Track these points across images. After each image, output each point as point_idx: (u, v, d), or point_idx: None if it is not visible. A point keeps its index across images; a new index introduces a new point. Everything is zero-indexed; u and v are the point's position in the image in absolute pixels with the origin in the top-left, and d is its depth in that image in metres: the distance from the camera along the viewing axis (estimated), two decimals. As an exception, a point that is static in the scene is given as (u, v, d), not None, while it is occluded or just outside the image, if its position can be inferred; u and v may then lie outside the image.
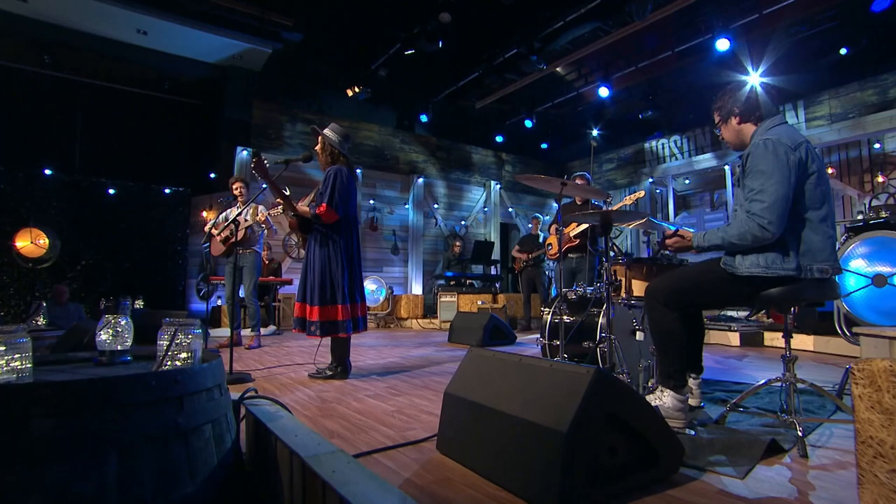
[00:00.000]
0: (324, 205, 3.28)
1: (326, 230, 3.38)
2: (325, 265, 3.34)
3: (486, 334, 5.37)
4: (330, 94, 9.41)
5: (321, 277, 3.33)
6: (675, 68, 8.58)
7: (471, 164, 11.21)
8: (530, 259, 7.38)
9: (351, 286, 3.42)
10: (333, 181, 3.33)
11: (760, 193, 1.98)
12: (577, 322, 2.94)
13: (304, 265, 3.47)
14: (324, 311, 3.33)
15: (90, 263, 8.00)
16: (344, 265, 3.37)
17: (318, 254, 3.36)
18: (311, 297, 3.34)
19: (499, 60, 8.54)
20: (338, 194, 3.30)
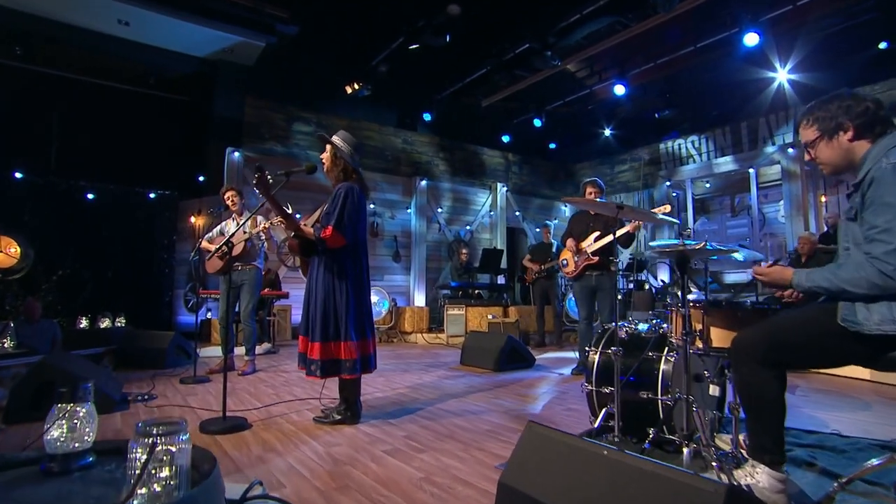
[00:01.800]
0: (330, 228, 2.88)
1: (332, 255, 2.98)
2: (328, 296, 2.95)
3: (502, 357, 5.01)
4: (328, 91, 8.98)
5: (324, 309, 2.93)
6: (694, 64, 8.23)
7: (476, 165, 10.84)
8: (542, 270, 7.03)
9: (359, 320, 3.03)
10: (343, 201, 2.93)
11: (887, 233, 1.60)
12: (633, 366, 2.56)
13: (306, 294, 3.07)
14: (326, 349, 2.93)
15: (67, 274, 7.53)
16: (350, 296, 2.97)
17: (322, 282, 2.97)
18: (313, 331, 2.94)
19: (509, 56, 8.15)
20: (347, 216, 2.91)
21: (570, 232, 4.84)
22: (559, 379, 4.58)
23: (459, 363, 5.43)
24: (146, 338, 5.14)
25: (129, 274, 8.02)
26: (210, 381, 4.39)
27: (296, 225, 2.97)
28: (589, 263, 4.61)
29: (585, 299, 4.70)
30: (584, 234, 4.69)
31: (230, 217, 4.98)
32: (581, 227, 4.75)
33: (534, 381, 4.48)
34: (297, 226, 2.97)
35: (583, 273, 4.67)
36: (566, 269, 4.82)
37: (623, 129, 10.60)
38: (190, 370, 4.74)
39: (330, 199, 3.03)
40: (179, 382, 4.28)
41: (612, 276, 4.65)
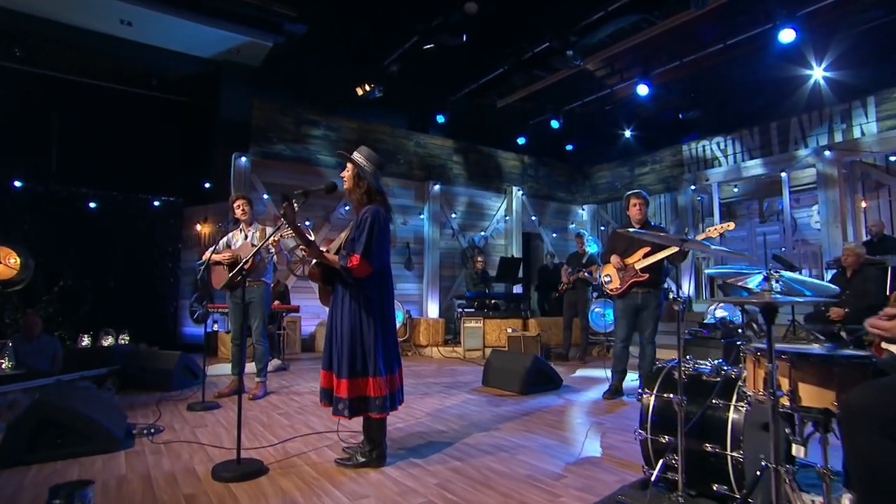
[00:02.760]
0: (357, 256, 2.67)
1: (357, 284, 2.76)
2: (354, 328, 2.74)
3: (529, 378, 4.78)
4: (337, 92, 8.79)
5: (350, 343, 2.72)
6: (721, 62, 7.96)
7: (491, 168, 10.59)
8: (570, 281, 6.79)
9: (387, 353, 2.83)
10: (370, 227, 2.72)
11: None
12: (697, 414, 2.32)
13: (330, 326, 2.86)
14: (354, 386, 2.73)
15: (68, 285, 7.38)
16: (377, 328, 2.77)
17: (348, 314, 2.76)
18: (339, 367, 2.74)
19: (527, 55, 7.93)
20: (375, 243, 2.72)
21: (612, 248, 4.60)
22: (591, 405, 4.34)
23: (482, 384, 5.20)
24: (152, 358, 4.95)
25: (132, 284, 7.86)
26: (219, 406, 4.19)
27: (318, 253, 2.75)
28: (637, 281, 4.37)
29: (627, 318, 4.47)
30: (629, 249, 4.45)
31: (237, 228, 4.77)
32: (625, 242, 4.51)
33: (564, 407, 4.24)
34: (319, 254, 2.75)
35: (628, 290, 4.43)
36: (609, 286, 4.58)
37: (644, 129, 10.33)
38: (197, 392, 4.56)
39: (354, 223, 2.82)
40: (187, 409, 4.08)
41: (658, 294, 4.43)
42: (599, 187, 11.71)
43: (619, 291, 4.46)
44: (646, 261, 4.33)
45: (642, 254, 4.38)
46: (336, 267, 2.74)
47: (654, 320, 4.39)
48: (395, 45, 7.84)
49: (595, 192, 11.79)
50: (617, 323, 4.58)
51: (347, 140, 8.76)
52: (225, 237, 4.65)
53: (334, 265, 2.74)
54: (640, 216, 4.47)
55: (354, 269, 2.66)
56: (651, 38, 7.66)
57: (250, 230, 4.69)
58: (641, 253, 4.38)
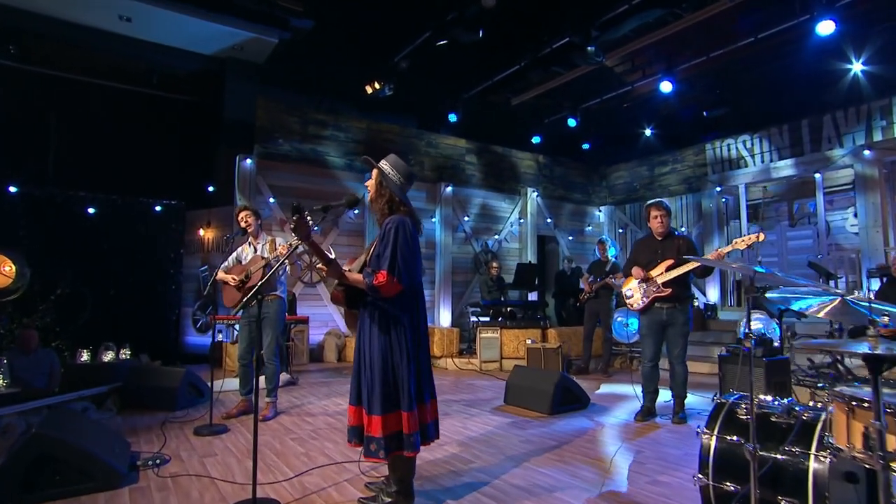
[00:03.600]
0: (383, 273, 2.45)
1: (385, 306, 2.55)
2: (386, 356, 2.53)
3: (555, 398, 4.59)
4: (346, 91, 8.60)
5: (382, 374, 2.50)
6: (749, 57, 7.71)
7: (505, 168, 10.40)
8: (593, 290, 6.58)
9: (419, 382, 2.61)
10: (395, 239, 2.49)
11: None
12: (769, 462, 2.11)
13: (357, 355, 2.64)
14: (388, 422, 2.51)
15: (66, 293, 7.23)
16: (409, 354, 2.54)
17: (377, 342, 2.54)
18: (370, 401, 2.51)
19: (546, 51, 7.70)
20: (401, 257, 2.48)
21: (634, 259, 4.40)
22: (624, 428, 4.13)
23: (504, 402, 5.01)
24: (155, 375, 4.78)
25: (132, 292, 7.70)
26: (228, 430, 4.01)
27: (340, 272, 2.53)
28: (660, 295, 4.17)
29: (653, 336, 4.28)
30: (652, 262, 4.25)
31: (245, 241, 4.59)
32: (648, 254, 4.31)
33: (596, 432, 4.04)
34: (341, 273, 2.53)
35: (651, 305, 4.23)
36: (631, 301, 4.38)
37: (664, 128, 10.10)
38: (203, 412, 4.40)
39: (378, 237, 2.61)
40: (194, 434, 3.90)
41: (685, 309, 4.22)
42: (617, 188, 11.48)
43: (643, 307, 4.26)
44: (668, 274, 4.13)
45: (665, 266, 4.17)
46: (361, 287, 2.53)
47: (682, 337, 4.20)
48: (405, 41, 7.63)
49: (612, 193, 11.57)
50: (643, 341, 4.38)
51: (356, 140, 8.58)
52: (234, 253, 4.48)
53: (359, 285, 2.53)
54: (663, 228, 4.28)
55: (382, 287, 2.43)
56: (676, 33, 7.42)
57: (259, 242, 4.51)
58: (664, 265, 4.18)
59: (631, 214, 11.20)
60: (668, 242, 4.28)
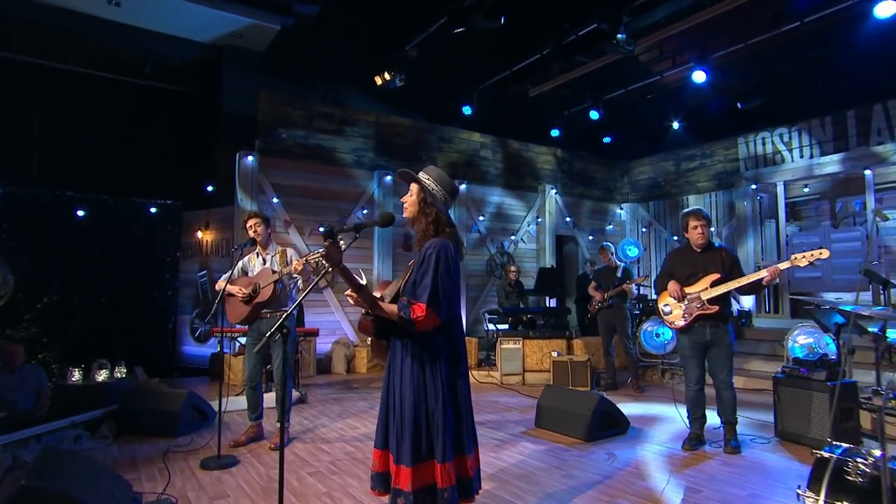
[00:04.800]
0: (422, 305, 2.22)
1: (421, 340, 2.32)
2: (419, 399, 2.29)
3: (594, 423, 4.36)
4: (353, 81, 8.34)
5: (414, 419, 2.27)
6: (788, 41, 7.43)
7: (521, 164, 10.15)
8: (607, 298, 6.35)
9: (458, 428, 2.36)
10: (436, 267, 2.27)
11: None
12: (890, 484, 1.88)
13: (386, 392, 2.42)
14: (419, 474, 2.27)
15: (54, 301, 7.03)
16: (446, 397, 2.31)
17: (409, 380, 2.31)
18: (400, 449, 2.28)
19: (570, 38, 7.41)
20: (443, 288, 2.26)
21: (669, 272, 4.16)
22: (673, 459, 3.91)
23: (535, 426, 4.78)
24: (155, 397, 4.55)
25: (125, 299, 7.51)
26: (238, 461, 3.79)
27: (372, 301, 2.29)
28: (704, 313, 3.93)
29: (696, 357, 4.06)
30: (692, 276, 4.01)
31: (253, 250, 4.34)
32: (687, 267, 4.06)
33: (643, 464, 3.80)
34: (374, 302, 2.30)
35: (693, 324, 3.99)
36: (669, 319, 4.14)
37: (692, 120, 9.83)
38: (207, 437, 4.23)
39: (416, 262, 2.37)
40: (200, 467, 3.67)
41: (728, 328, 3.99)
42: (640, 184, 11.24)
43: (684, 325, 4.03)
44: (715, 290, 3.89)
45: (709, 281, 3.93)
46: (394, 319, 2.30)
47: (728, 359, 3.99)
48: (418, 28, 7.35)
49: (635, 190, 11.33)
50: (685, 363, 4.16)
51: (364, 135, 8.33)
52: (240, 262, 4.22)
53: (392, 317, 2.29)
54: (703, 240, 4.04)
55: (419, 321, 2.21)
56: (713, 18, 7.14)
57: (268, 253, 4.27)
58: (708, 280, 3.94)
59: (654, 212, 10.95)
60: (710, 255, 4.04)
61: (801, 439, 3.99)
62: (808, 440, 3.95)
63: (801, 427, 4.01)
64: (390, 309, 2.28)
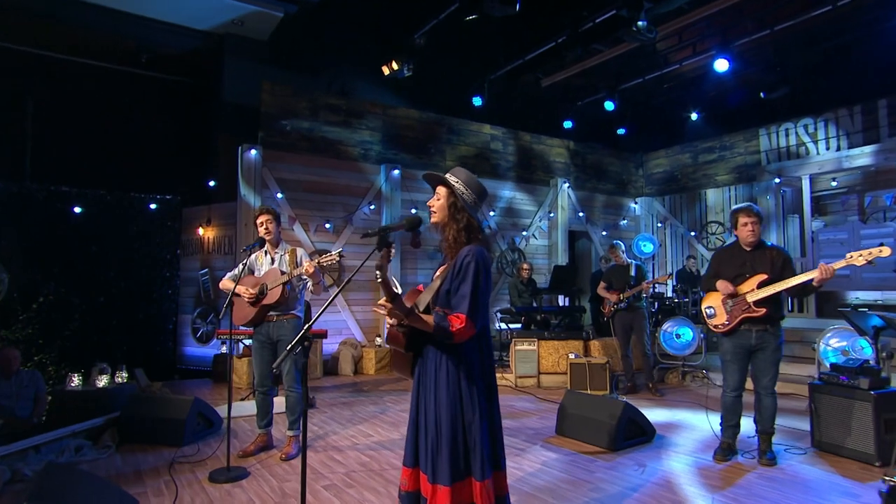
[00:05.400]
0: (462, 316, 2.15)
1: (456, 351, 2.24)
2: (456, 413, 2.21)
3: (619, 431, 4.25)
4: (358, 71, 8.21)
5: (451, 435, 2.18)
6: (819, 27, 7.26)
7: (533, 156, 10.01)
8: (623, 300, 6.23)
9: (493, 443, 2.28)
10: (475, 277, 2.19)
11: None
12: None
13: (416, 407, 2.32)
14: (458, 494, 2.19)
15: (50, 301, 6.95)
16: (482, 409, 2.24)
17: (445, 393, 2.22)
18: (435, 468, 2.19)
19: (587, 26, 7.25)
20: (481, 298, 2.20)
21: (717, 272, 4.03)
22: (706, 471, 3.80)
23: (556, 433, 4.68)
24: (158, 405, 4.45)
25: (124, 298, 7.45)
26: (248, 474, 3.69)
27: (408, 311, 2.18)
28: (749, 316, 3.80)
29: (738, 362, 3.92)
30: (739, 276, 3.89)
31: (261, 249, 4.21)
32: (735, 267, 3.93)
33: (674, 477, 3.70)
34: (409, 312, 2.19)
35: (738, 327, 3.87)
36: (713, 322, 4.02)
37: (712, 111, 9.68)
38: (214, 445, 4.17)
39: (452, 271, 2.27)
40: (209, 480, 3.57)
41: (777, 332, 3.87)
42: (655, 177, 11.10)
43: (727, 328, 3.90)
44: (762, 292, 3.75)
45: (757, 282, 3.80)
46: (428, 330, 2.19)
47: (773, 365, 3.85)
48: (428, 14, 7.20)
49: (650, 183, 11.20)
50: (726, 367, 4.02)
51: (371, 127, 8.19)
52: (247, 260, 4.09)
53: (428, 329, 2.19)
54: (754, 238, 3.88)
55: (458, 332, 2.14)
56: (736, 4, 6.98)
57: (277, 252, 4.15)
58: (756, 281, 3.80)
59: (670, 206, 10.81)
60: (759, 254, 3.89)
61: (841, 451, 3.88)
62: (847, 451, 3.84)
63: (840, 438, 3.90)
64: (428, 321, 2.18)
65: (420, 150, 8.61)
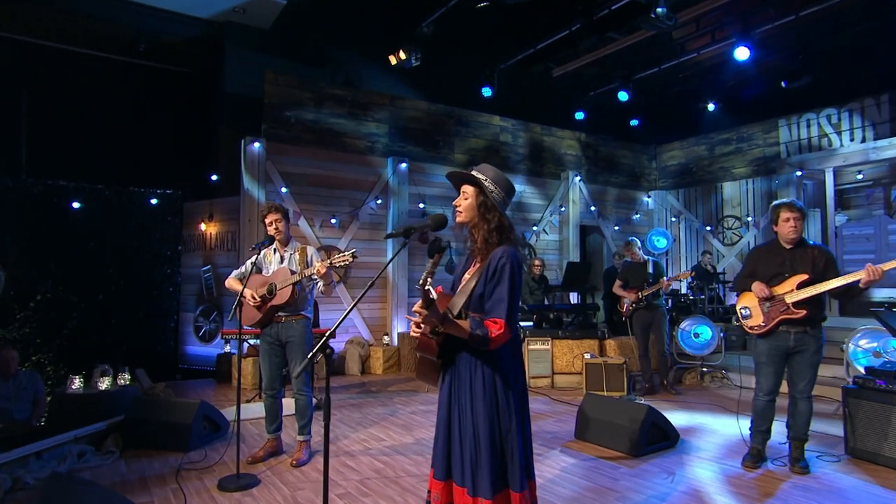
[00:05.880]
0: (501, 322, 2.10)
1: (491, 357, 2.18)
2: (493, 421, 2.16)
3: (642, 436, 4.16)
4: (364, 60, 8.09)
5: (490, 443, 2.12)
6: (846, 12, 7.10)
7: (543, 149, 9.90)
8: (642, 298, 6.13)
9: (526, 451, 2.24)
10: (511, 280, 2.14)
11: None
12: None
13: (447, 417, 2.25)
14: None
15: (48, 299, 6.90)
16: (518, 416, 2.20)
17: (482, 401, 2.16)
18: (476, 480, 2.16)
19: (602, 13, 7.11)
20: (516, 302, 2.16)
21: (753, 271, 3.92)
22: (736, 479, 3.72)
23: (575, 437, 4.60)
24: (163, 408, 4.38)
25: (124, 296, 7.40)
26: (259, 482, 3.62)
27: (443, 317, 2.09)
28: (788, 318, 3.69)
29: (774, 365, 3.81)
30: (778, 276, 3.76)
31: (270, 246, 4.12)
32: (773, 266, 3.81)
33: (704, 485, 3.62)
34: (445, 318, 2.10)
35: (775, 329, 3.76)
36: (749, 323, 3.91)
37: (729, 101, 9.54)
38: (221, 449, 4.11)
39: (485, 273, 2.20)
40: (218, 489, 3.50)
41: (818, 334, 3.75)
42: (669, 170, 10.98)
43: (764, 330, 3.80)
44: (802, 293, 3.64)
45: (796, 282, 3.68)
46: (464, 337, 2.11)
47: (811, 368, 3.73)
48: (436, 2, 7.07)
49: (664, 176, 11.09)
50: (760, 370, 3.91)
51: (377, 119, 8.08)
52: (255, 258, 4.00)
53: (463, 335, 2.11)
54: (797, 235, 3.74)
55: (496, 338, 2.08)
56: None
57: (286, 251, 4.06)
58: (795, 281, 3.68)
59: (685, 200, 10.69)
60: (800, 253, 3.76)
61: (877, 458, 3.79)
62: (884, 459, 3.75)
63: (876, 445, 3.81)
64: (463, 326, 2.10)
65: (428, 143, 8.50)
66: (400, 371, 7.68)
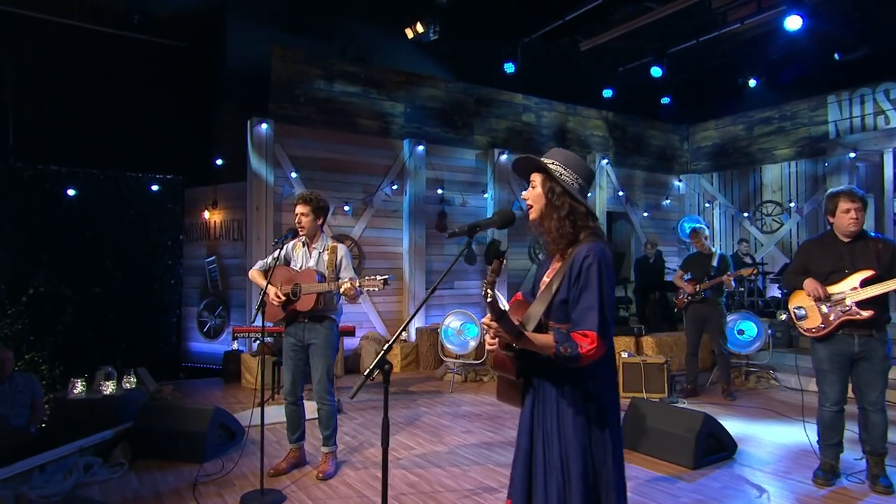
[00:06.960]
0: (593, 334, 1.87)
1: (582, 375, 1.97)
2: (586, 454, 1.96)
3: (699, 447, 4.01)
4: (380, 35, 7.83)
5: (582, 476, 1.93)
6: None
7: (568, 129, 9.67)
8: (699, 291, 5.95)
9: (620, 482, 2.03)
10: (600, 283, 1.92)
11: None
12: None
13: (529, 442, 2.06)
14: None
15: (41, 293, 6.82)
16: (614, 443, 2.01)
17: (573, 427, 1.97)
18: None
19: (640, -22, 6.85)
20: (609, 309, 1.92)
21: (804, 267, 3.72)
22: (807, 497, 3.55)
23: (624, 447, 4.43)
24: (175, 415, 4.24)
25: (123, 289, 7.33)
26: (285, 498, 3.48)
27: (517, 331, 1.89)
28: (851, 319, 3.49)
29: (839, 372, 3.62)
30: (836, 272, 3.56)
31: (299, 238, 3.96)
32: (830, 261, 3.60)
33: None
34: (519, 333, 1.90)
35: (836, 332, 3.56)
36: (804, 324, 3.72)
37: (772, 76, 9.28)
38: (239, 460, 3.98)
39: (567, 274, 1.97)
40: (240, 506, 3.35)
41: (884, 338, 3.57)
42: (702, 151, 10.76)
43: (823, 332, 3.60)
44: (866, 292, 3.43)
45: (860, 279, 3.47)
46: (547, 353, 1.90)
47: (881, 376, 3.53)
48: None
49: (697, 158, 10.88)
50: (823, 378, 3.71)
51: (392, 98, 7.87)
52: (283, 249, 3.85)
53: (546, 352, 1.90)
54: (857, 227, 3.51)
55: (588, 354, 1.85)
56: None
57: (315, 247, 3.91)
58: (858, 278, 3.48)
59: (719, 184, 10.46)
60: (861, 246, 3.54)
61: (967, 472, 3.61)
62: (975, 473, 3.57)
63: (966, 458, 3.63)
64: (543, 341, 1.89)
65: (446, 123, 8.28)
66: (418, 369, 7.55)
